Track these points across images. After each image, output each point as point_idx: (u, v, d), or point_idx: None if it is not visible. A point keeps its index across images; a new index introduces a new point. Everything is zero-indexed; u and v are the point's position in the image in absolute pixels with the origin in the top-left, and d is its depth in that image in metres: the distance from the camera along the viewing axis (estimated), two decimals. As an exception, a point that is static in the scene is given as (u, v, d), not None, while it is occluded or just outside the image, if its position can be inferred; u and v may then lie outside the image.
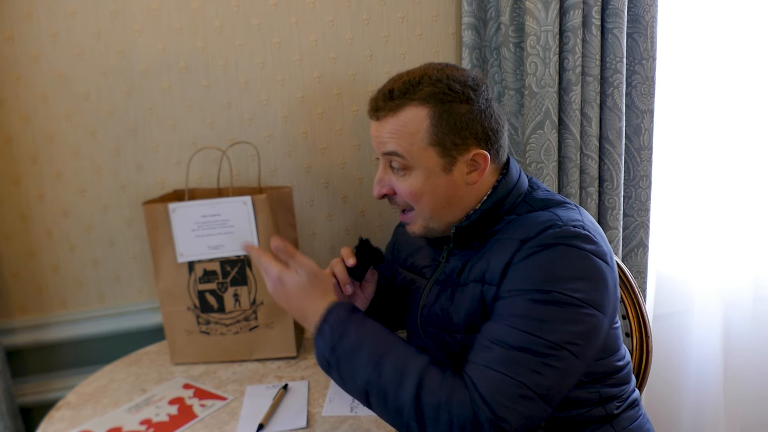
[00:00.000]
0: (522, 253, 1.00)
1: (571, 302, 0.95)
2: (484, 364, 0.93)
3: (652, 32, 1.59)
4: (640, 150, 1.68)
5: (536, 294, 0.96)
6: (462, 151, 1.05)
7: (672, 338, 1.97)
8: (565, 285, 0.96)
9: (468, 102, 1.05)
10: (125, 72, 1.47)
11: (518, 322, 0.95)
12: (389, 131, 1.06)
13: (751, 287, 1.97)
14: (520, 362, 0.92)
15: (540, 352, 0.93)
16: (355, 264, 1.14)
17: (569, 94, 1.57)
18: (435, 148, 1.05)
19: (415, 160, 1.06)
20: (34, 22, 1.40)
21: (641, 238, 1.73)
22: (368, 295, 1.21)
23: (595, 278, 0.99)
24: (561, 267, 0.98)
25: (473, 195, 1.10)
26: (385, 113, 1.07)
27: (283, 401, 1.19)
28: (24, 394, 1.53)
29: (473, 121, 1.05)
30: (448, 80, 1.05)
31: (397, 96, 1.05)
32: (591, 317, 0.97)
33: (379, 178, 1.12)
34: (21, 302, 1.52)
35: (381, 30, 1.59)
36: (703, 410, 2.01)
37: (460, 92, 1.04)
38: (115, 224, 1.55)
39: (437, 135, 1.04)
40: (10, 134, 1.44)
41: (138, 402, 1.21)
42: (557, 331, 0.94)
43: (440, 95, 1.04)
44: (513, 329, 0.95)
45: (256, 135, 1.57)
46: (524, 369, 0.92)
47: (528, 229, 1.02)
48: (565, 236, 0.99)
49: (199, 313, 1.34)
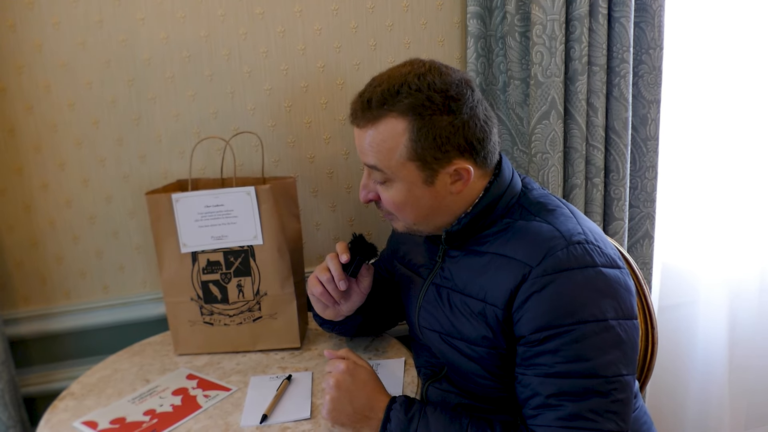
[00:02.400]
0: (531, 285, 0.97)
1: (605, 327, 0.94)
2: (558, 425, 0.93)
3: (659, 21, 1.58)
4: (647, 140, 1.67)
5: (569, 331, 0.94)
6: (444, 165, 1.02)
7: (677, 330, 1.97)
8: (592, 311, 0.94)
9: (449, 113, 1.00)
10: (128, 61, 1.46)
11: (567, 366, 0.94)
12: (368, 143, 1.03)
13: (757, 279, 1.97)
14: (591, 409, 0.92)
15: (604, 392, 0.93)
16: (349, 260, 1.14)
17: (575, 84, 1.56)
18: (415, 163, 1.02)
19: (394, 174, 1.03)
20: (37, 10, 1.39)
21: (647, 229, 1.72)
22: (364, 289, 1.21)
23: (615, 290, 0.97)
24: (581, 295, 0.95)
25: (462, 201, 1.07)
26: (364, 123, 1.03)
27: (287, 392, 1.18)
28: (28, 384, 1.54)
29: (455, 133, 1.01)
30: (429, 90, 0.99)
31: (375, 106, 1.01)
32: (627, 329, 0.96)
33: (364, 184, 1.11)
34: (25, 292, 1.52)
35: (385, 19, 1.57)
36: (708, 401, 2.00)
37: (440, 104, 0.99)
38: (119, 214, 1.54)
39: (416, 150, 1.00)
40: (12, 124, 1.43)
41: (142, 392, 1.21)
42: (607, 363, 0.93)
43: (419, 108, 0.99)
44: (566, 379, 0.94)
45: (260, 125, 1.56)
46: (598, 416, 0.92)
47: (530, 248, 0.99)
48: (573, 259, 0.97)
49: (203, 304, 1.34)
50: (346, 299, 1.21)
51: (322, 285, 1.17)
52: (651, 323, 1.36)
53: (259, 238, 1.28)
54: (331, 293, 1.18)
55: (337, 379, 1.04)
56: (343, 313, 1.23)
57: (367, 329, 1.38)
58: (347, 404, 1.03)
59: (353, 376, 1.05)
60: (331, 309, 1.22)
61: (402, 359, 1.28)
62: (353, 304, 1.22)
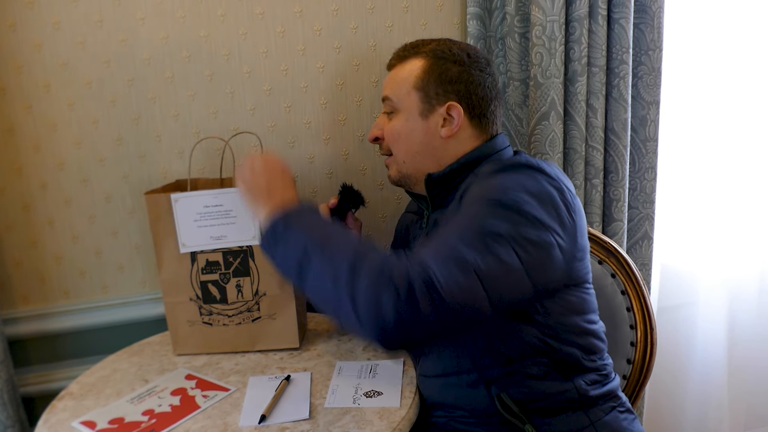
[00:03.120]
0: (479, 179, 1.08)
1: (523, 212, 0.97)
2: (425, 247, 0.97)
3: (658, 23, 1.58)
4: (646, 141, 1.67)
5: (488, 201, 0.99)
6: (441, 102, 1.17)
7: (677, 331, 1.97)
8: (518, 195, 0.98)
9: (461, 65, 1.17)
10: (128, 61, 1.46)
11: (465, 218, 0.98)
12: (391, 78, 1.23)
13: (756, 280, 1.97)
14: (459, 237, 0.94)
15: (482, 232, 0.94)
16: (336, 204, 1.25)
17: (575, 85, 1.56)
18: (418, 93, 1.17)
19: (400, 102, 1.19)
20: (37, 10, 1.39)
21: (646, 230, 1.72)
22: None
23: (546, 199, 1.00)
24: (512, 183, 1.01)
25: (450, 151, 1.18)
26: (394, 63, 1.24)
27: (286, 392, 1.18)
28: (26, 384, 1.54)
29: (460, 80, 1.17)
30: (452, 44, 1.20)
31: (407, 50, 1.22)
32: (543, 233, 0.97)
33: (376, 122, 1.27)
34: (24, 292, 1.52)
35: (385, 19, 1.58)
36: (707, 403, 2.00)
37: (456, 55, 1.18)
38: (118, 214, 1.54)
39: (423, 81, 1.17)
40: (12, 123, 1.43)
41: (140, 392, 1.21)
42: (505, 228, 0.95)
43: (439, 52, 1.18)
44: (458, 223, 0.98)
45: (259, 125, 1.56)
46: (462, 243, 0.93)
47: (492, 166, 1.09)
48: (518, 164, 1.05)
49: (202, 304, 1.34)
50: None
51: None
52: (650, 324, 1.36)
53: (258, 238, 1.28)
54: None
55: (267, 158, 1.17)
56: None
57: None
58: (263, 178, 1.14)
59: (280, 164, 1.17)
60: None
61: (401, 359, 1.28)
62: None
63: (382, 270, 0.90)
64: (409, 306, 0.87)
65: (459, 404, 1.13)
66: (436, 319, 0.88)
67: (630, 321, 1.38)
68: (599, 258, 1.41)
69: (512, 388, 1.06)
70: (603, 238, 1.41)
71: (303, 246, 0.99)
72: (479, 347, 1.08)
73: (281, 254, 1.03)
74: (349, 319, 0.92)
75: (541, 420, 1.06)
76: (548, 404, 1.06)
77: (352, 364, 1.28)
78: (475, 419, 1.11)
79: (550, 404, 1.06)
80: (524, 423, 1.05)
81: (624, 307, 1.38)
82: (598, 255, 1.41)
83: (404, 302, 0.87)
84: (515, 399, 1.06)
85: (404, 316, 0.87)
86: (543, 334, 1.05)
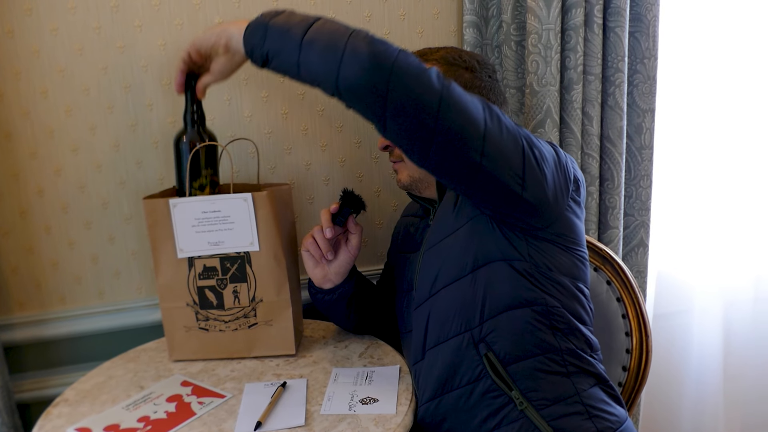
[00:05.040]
0: None
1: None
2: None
3: (653, 31, 1.59)
4: (641, 149, 1.68)
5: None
6: None
7: (672, 338, 1.97)
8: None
9: (473, 71, 1.19)
10: (125, 67, 1.47)
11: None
12: None
13: (751, 287, 1.97)
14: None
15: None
16: (337, 209, 1.25)
17: (570, 93, 1.57)
18: None
19: None
20: (35, 16, 1.40)
21: (642, 237, 1.73)
22: (352, 248, 1.30)
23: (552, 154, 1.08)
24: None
25: None
26: None
27: (282, 399, 1.18)
28: (22, 390, 1.53)
29: (473, 86, 1.18)
30: (460, 51, 1.22)
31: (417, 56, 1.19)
32: (547, 149, 1.06)
33: None
34: (19, 298, 1.52)
35: (382, 27, 1.58)
36: (702, 411, 2.01)
37: (467, 61, 1.20)
38: (115, 220, 1.54)
39: None
40: (9, 129, 1.43)
41: (136, 399, 1.21)
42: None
43: (450, 59, 1.19)
44: None
45: (256, 132, 1.57)
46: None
47: None
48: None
49: (198, 310, 1.34)
50: (333, 255, 1.29)
51: (312, 237, 1.27)
52: (645, 332, 1.37)
53: (256, 244, 1.28)
54: (319, 243, 1.27)
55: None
56: (331, 276, 1.31)
57: (364, 317, 1.41)
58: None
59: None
60: (320, 268, 1.31)
61: (397, 366, 1.28)
62: (341, 263, 1.30)
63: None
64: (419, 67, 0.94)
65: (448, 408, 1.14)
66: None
67: (625, 328, 1.38)
68: (595, 265, 1.42)
69: (498, 344, 1.09)
70: (599, 246, 1.42)
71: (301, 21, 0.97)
72: (470, 301, 1.11)
73: (277, 38, 0.99)
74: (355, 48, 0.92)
75: (527, 385, 1.07)
76: (534, 364, 1.08)
77: (348, 371, 1.28)
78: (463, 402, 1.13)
79: (536, 364, 1.08)
80: (511, 389, 1.07)
81: (619, 314, 1.39)
82: (594, 262, 1.42)
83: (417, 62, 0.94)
84: (501, 358, 1.08)
85: (402, 65, 0.92)
86: (530, 282, 1.09)
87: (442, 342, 1.14)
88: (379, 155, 1.65)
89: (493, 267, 1.09)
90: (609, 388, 1.14)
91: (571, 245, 1.13)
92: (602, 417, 1.09)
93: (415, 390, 1.21)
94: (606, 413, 1.10)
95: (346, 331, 1.48)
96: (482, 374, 1.10)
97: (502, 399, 1.09)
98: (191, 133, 1.27)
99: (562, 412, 1.07)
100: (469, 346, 1.10)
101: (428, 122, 0.92)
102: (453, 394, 1.13)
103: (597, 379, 1.13)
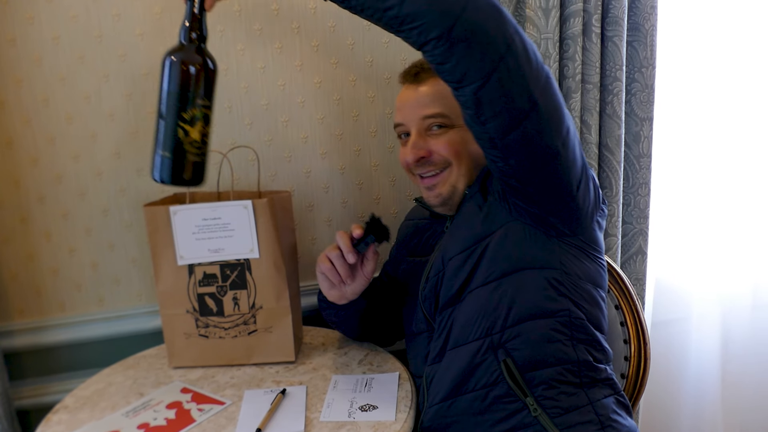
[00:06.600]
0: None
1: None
2: None
3: (651, 40, 1.60)
4: (640, 158, 1.68)
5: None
6: None
7: (670, 345, 1.97)
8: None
9: None
10: (126, 75, 1.48)
11: None
12: (433, 93, 1.17)
13: (749, 295, 1.97)
14: None
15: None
16: (361, 235, 1.18)
17: (569, 102, 1.57)
18: None
19: (457, 118, 1.15)
20: (37, 25, 1.40)
21: (640, 245, 1.73)
22: (368, 273, 1.24)
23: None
24: None
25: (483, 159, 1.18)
26: (428, 75, 1.17)
27: (281, 406, 1.19)
28: (21, 397, 1.53)
29: None
30: None
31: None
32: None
33: (414, 142, 1.19)
34: (19, 305, 1.52)
35: (382, 36, 1.59)
36: (701, 418, 2.00)
37: None
38: (115, 227, 1.55)
39: None
40: (11, 137, 1.44)
41: (135, 406, 1.21)
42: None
43: None
44: None
45: (257, 139, 1.57)
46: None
47: None
48: None
49: (198, 317, 1.34)
50: (352, 279, 1.24)
51: (330, 261, 1.21)
52: (644, 339, 1.37)
53: (256, 251, 1.29)
54: (339, 269, 1.21)
55: None
56: (347, 295, 1.26)
57: (369, 326, 1.40)
58: None
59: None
60: (336, 289, 1.25)
61: (396, 373, 1.29)
62: (357, 286, 1.25)
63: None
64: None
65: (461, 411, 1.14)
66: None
67: (624, 336, 1.38)
68: (593, 273, 1.42)
69: (518, 352, 1.09)
70: (597, 253, 1.42)
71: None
72: (494, 307, 1.11)
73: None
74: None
75: (542, 393, 1.08)
76: (551, 374, 1.09)
77: (348, 378, 1.28)
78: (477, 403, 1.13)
79: (552, 374, 1.09)
80: (526, 396, 1.08)
81: (618, 321, 1.39)
82: (593, 270, 1.42)
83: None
84: (519, 365, 1.09)
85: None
86: (558, 291, 1.09)
87: (461, 345, 1.14)
88: (379, 163, 1.66)
89: (523, 275, 1.10)
90: (621, 397, 1.15)
91: (595, 253, 1.15)
92: (614, 428, 1.10)
93: (423, 392, 1.21)
94: (618, 424, 1.11)
95: (350, 338, 1.48)
96: (499, 379, 1.10)
97: (516, 405, 1.09)
98: (189, 50, 0.99)
99: (575, 420, 1.07)
100: (488, 351, 1.11)
101: (534, 93, 0.94)
102: (467, 396, 1.13)
103: (611, 390, 1.14)
